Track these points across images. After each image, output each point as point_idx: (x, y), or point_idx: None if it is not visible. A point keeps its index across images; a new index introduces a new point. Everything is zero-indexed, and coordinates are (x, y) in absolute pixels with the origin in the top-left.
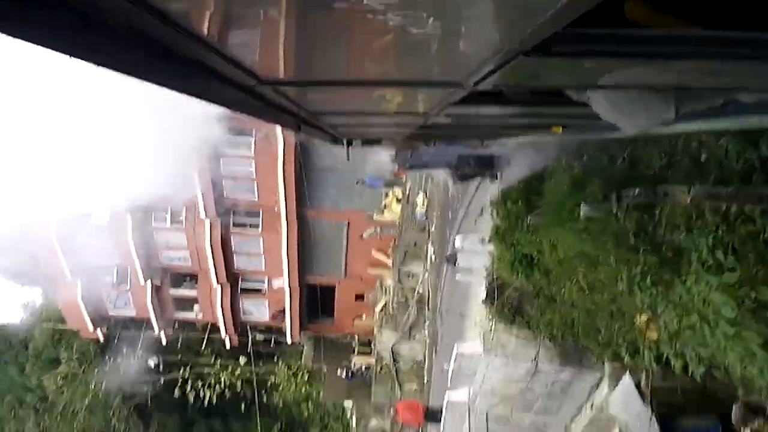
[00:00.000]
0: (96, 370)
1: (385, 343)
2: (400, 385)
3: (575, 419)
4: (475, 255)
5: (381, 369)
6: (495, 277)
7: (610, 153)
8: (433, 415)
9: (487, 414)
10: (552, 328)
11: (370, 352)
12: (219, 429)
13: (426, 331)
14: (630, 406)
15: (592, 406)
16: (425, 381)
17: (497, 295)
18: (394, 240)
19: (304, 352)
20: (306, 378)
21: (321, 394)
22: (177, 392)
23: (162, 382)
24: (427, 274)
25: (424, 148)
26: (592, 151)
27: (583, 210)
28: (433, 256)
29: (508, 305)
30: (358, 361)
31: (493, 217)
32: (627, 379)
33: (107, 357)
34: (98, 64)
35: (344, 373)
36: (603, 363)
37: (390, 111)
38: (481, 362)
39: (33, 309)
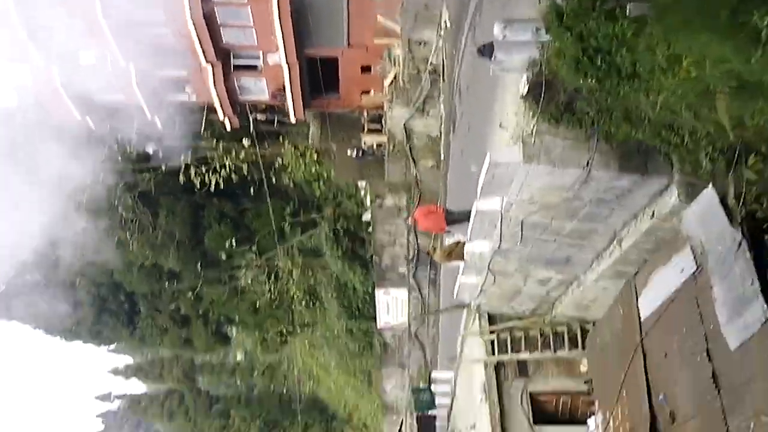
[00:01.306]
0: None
1: (397, 119)
2: (414, 163)
3: (628, 226)
4: (520, 47)
5: (394, 147)
6: (544, 70)
7: None
8: (455, 220)
9: (522, 221)
10: (613, 126)
11: (381, 130)
12: (230, 211)
13: (441, 106)
14: (711, 224)
15: (653, 214)
16: (441, 158)
17: (544, 90)
18: (402, 2)
19: (310, 132)
20: (315, 158)
21: (332, 174)
22: (182, 178)
23: (164, 170)
24: (441, 42)
25: None
26: None
27: None
28: (447, 21)
29: (556, 102)
30: (368, 140)
31: None
32: (709, 192)
33: (101, 146)
34: None
35: (355, 153)
36: (671, 166)
37: None
38: (518, 171)
39: (26, 90)
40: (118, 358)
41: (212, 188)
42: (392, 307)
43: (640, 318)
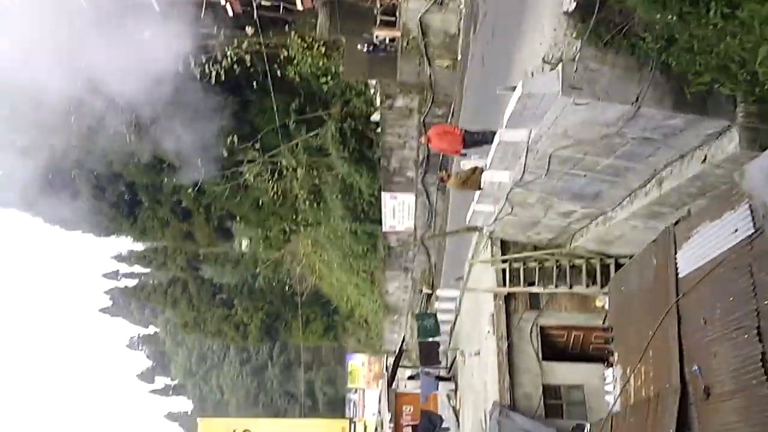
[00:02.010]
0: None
1: (413, 12)
2: (429, 62)
3: (672, 167)
4: None
5: (407, 43)
6: None
7: None
8: (475, 141)
9: (551, 155)
10: (672, 57)
11: (395, 23)
12: (232, 104)
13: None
14: None
15: (705, 158)
16: (458, 58)
17: (597, 9)
18: None
19: (318, 22)
20: (322, 51)
21: (340, 69)
22: (180, 67)
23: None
24: None
25: None
26: None
27: None
28: None
29: (607, 24)
30: (380, 34)
31: None
32: None
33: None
34: None
35: (365, 47)
36: (734, 106)
37: None
38: (556, 103)
39: None
40: (123, 243)
41: (212, 80)
42: (398, 211)
43: (677, 274)
